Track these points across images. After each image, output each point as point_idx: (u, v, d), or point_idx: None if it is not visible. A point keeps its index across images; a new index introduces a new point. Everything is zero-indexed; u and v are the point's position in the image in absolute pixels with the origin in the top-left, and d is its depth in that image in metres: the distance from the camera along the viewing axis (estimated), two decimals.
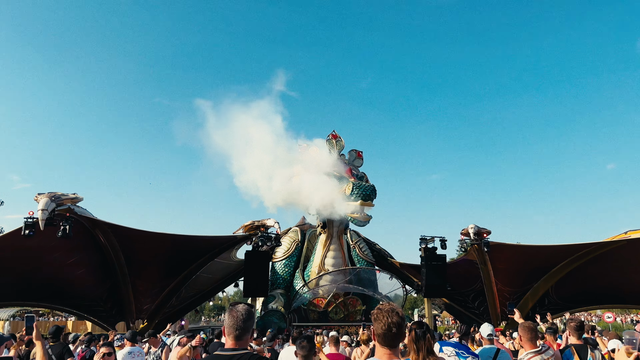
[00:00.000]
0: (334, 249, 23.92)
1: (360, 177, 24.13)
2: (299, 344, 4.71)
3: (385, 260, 26.53)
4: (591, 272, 19.48)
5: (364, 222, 21.64)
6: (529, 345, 4.42)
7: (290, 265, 24.63)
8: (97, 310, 20.05)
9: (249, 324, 2.61)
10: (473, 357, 5.08)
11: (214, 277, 22.97)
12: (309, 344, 4.67)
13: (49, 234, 14.25)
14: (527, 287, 21.03)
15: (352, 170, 23.83)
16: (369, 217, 21.62)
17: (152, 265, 18.97)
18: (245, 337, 2.61)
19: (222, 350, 2.60)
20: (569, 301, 21.34)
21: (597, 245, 18.77)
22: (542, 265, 20.19)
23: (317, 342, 10.82)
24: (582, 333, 4.99)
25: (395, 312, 2.66)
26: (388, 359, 2.56)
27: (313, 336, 5.05)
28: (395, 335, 2.59)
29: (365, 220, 21.60)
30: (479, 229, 18.88)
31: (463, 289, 22.78)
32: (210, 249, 20.01)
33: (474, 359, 5.05)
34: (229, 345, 2.59)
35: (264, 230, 19.30)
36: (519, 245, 21.08)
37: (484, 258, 19.49)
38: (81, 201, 14.62)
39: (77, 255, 17.27)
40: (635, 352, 2.56)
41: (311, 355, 4.68)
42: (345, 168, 23.54)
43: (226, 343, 2.65)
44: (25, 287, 17.83)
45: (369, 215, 21.61)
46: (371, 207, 21.72)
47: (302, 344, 4.67)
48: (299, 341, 4.76)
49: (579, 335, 4.90)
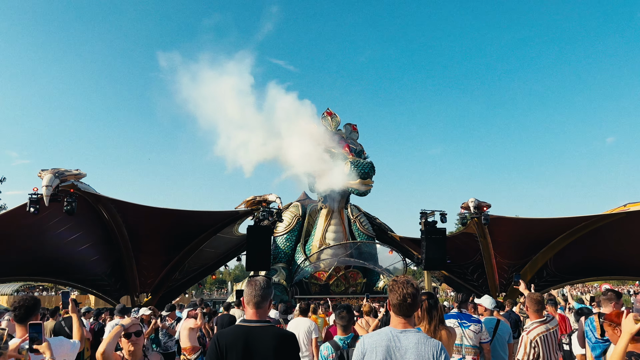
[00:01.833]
0: (334, 223, 24.11)
1: (359, 152, 24.14)
2: (339, 314, 4.70)
3: (386, 234, 26.75)
4: (590, 244, 19.66)
5: (365, 191, 21.96)
6: (535, 316, 4.53)
7: (291, 239, 24.86)
8: (101, 285, 20.31)
9: (267, 292, 2.70)
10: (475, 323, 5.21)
11: (216, 251, 23.19)
12: (348, 314, 4.68)
13: (53, 210, 14.33)
14: (526, 259, 21.26)
15: (350, 145, 23.79)
16: (369, 187, 21.88)
17: (155, 240, 19.12)
18: (265, 305, 2.69)
19: (244, 322, 2.68)
20: (567, 273, 21.62)
21: (596, 218, 18.89)
22: (541, 238, 20.37)
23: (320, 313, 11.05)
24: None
25: (410, 283, 2.75)
26: (403, 328, 2.66)
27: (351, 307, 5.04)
28: (410, 306, 2.68)
29: (366, 190, 21.93)
30: (479, 203, 18.99)
31: (462, 261, 23.03)
32: (213, 224, 20.14)
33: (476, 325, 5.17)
34: (250, 314, 2.67)
35: (265, 205, 19.38)
36: (518, 218, 21.23)
37: (484, 231, 19.65)
38: (84, 177, 14.63)
39: (81, 230, 17.39)
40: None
41: (350, 325, 4.70)
42: (343, 144, 23.52)
43: (246, 313, 2.74)
44: (29, 262, 18.00)
45: (369, 186, 21.85)
46: (370, 185, 21.92)
47: (342, 314, 4.67)
48: (339, 311, 4.75)
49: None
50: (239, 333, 2.60)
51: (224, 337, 2.62)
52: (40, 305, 3.69)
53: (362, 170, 21.34)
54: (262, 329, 2.59)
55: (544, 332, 4.35)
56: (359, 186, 21.57)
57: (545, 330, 4.37)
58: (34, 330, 3.03)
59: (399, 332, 2.62)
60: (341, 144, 23.38)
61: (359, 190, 21.91)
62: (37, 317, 3.55)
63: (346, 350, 4.39)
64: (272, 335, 2.60)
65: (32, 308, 3.51)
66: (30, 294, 37.38)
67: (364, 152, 24.61)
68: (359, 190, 21.84)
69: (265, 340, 2.57)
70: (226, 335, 2.64)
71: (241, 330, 2.58)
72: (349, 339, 4.56)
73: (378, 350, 2.56)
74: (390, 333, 2.63)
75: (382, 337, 2.62)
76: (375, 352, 2.56)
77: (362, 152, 24.56)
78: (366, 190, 21.93)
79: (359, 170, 21.30)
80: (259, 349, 2.54)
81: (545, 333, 4.35)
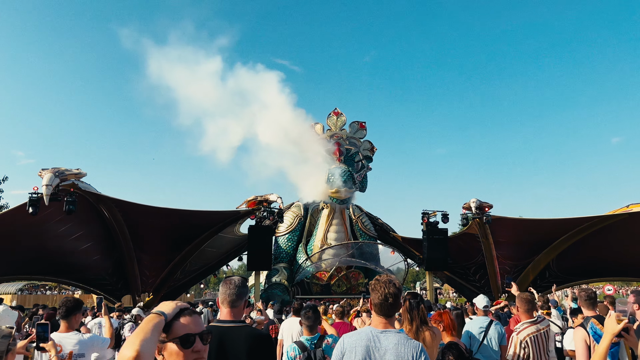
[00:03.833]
0: (336, 223, 24.10)
1: (352, 154, 24.42)
2: (304, 314, 4.69)
3: (388, 234, 26.70)
4: (592, 245, 19.56)
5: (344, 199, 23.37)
6: (526, 316, 4.50)
7: (293, 239, 24.84)
8: (103, 284, 20.36)
9: (242, 291, 2.64)
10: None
11: (218, 251, 23.22)
12: (314, 314, 4.67)
13: (54, 209, 14.37)
14: (528, 260, 21.17)
15: (341, 148, 24.07)
16: (347, 196, 23.10)
17: (157, 239, 19.16)
18: (239, 304, 2.64)
19: (218, 322, 2.63)
20: (570, 274, 21.51)
21: (598, 219, 18.80)
22: (544, 239, 20.28)
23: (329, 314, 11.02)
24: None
25: (392, 283, 2.72)
26: (384, 328, 2.63)
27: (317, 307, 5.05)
28: (392, 305, 2.65)
29: (345, 198, 23.25)
30: (480, 203, 18.92)
31: (464, 262, 22.96)
32: (214, 223, 20.16)
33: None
34: (224, 314, 2.62)
35: (266, 205, 19.39)
36: (520, 219, 21.15)
37: (486, 232, 19.58)
38: (85, 176, 14.66)
39: (83, 230, 17.45)
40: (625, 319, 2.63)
41: (316, 325, 4.68)
42: (333, 149, 23.79)
43: (221, 313, 2.68)
44: (32, 261, 18.09)
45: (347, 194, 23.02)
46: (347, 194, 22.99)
47: (308, 314, 4.67)
48: (304, 311, 4.74)
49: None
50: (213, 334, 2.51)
51: None
52: (81, 306, 4.20)
53: (339, 179, 21.97)
54: (236, 329, 2.53)
55: (534, 332, 4.32)
56: (335, 195, 22.59)
57: (535, 330, 4.33)
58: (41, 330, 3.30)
59: (379, 332, 2.59)
60: (333, 148, 23.79)
61: (337, 200, 22.92)
62: (78, 316, 4.08)
63: (313, 350, 4.37)
64: (245, 335, 2.54)
65: (72, 308, 3.98)
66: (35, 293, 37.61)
67: (360, 153, 24.83)
68: (337, 199, 22.85)
69: (239, 341, 2.51)
70: None
71: (215, 330, 2.52)
72: (315, 339, 4.53)
73: (357, 350, 2.53)
74: (370, 333, 2.60)
75: (362, 337, 2.59)
76: (354, 352, 2.53)
77: (358, 153, 24.74)
78: (343, 199, 23.05)
79: (335, 179, 21.90)
80: (232, 350, 2.48)
81: (536, 333, 4.31)
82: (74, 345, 3.76)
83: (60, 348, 3.59)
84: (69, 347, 3.70)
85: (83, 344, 3.83)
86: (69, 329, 3.90)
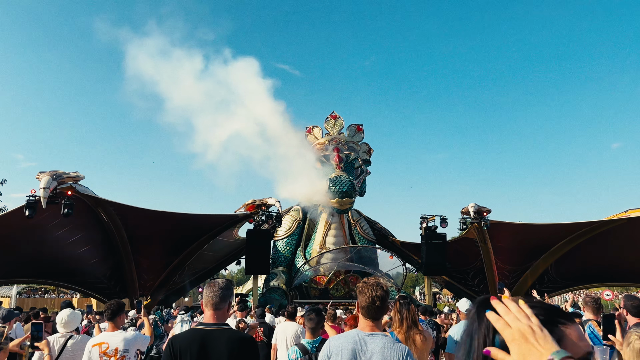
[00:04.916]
0: (335, 227, 24.02)
1: (352, 160, 24.15)
2: (307, 317, 4.67)
3: (386, 238, 26.66)
4: (591, 250, 19.54)
5: (344, 209, 22.61)
6: None
7: (291, 243, 24.77)
8: (101, 287, 20.32)
9: (226, 294, 2.63)
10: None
11: (216, 254, 23.19)
12: (317, 317, 4.65)
13: (53, 212, 14.37)
14: (527, 265, 21.14)
15: (341, 155, 23.74)
16: (347, 206, 22.41)
17: (155, 243, 19.14)
18: (223, 307, 2.63)
19: (200, 325, 2.62)
20: (568, 279, 21.47)
21: (597, 224, 18.78)
22: (542, 244, 20.26)
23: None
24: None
25: (380, 286, 2.72)
26: (370, 331, 2.62)
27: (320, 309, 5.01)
28: (379, 308, 2.64)
29: (345, 209, 22.52)
30: (479, 208, 18.90)
31: (463, 267, 22.92)
32: (212, 227, 20.15)
33: None
34: (208, 317, 2.60)
35: (265, 209, 19.39)
36: (519, 223, 21.12)
37: (484, 236, 19.55)
38: (82, 179, 14.68)
39: (81, 233, 17.44)
40: None
41: (319, 328, 4.67)
42: (333, 155, 23.42)
43: (204, 315, 2.67)
44: (30, 264, 18.06)
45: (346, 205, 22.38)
46: (347, 204, 22.25)
47: (310, 316, 4.64)
48: (307, 314, 4.72)
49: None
50: (195, 336, 2.53)
51: (178, 341, 2.55)
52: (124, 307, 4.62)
53: (339, 189, 21.49)
54: (218, 332, 2.51)
55: None
56: (336, 205, 21.86)
57: None
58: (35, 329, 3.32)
59: (365, 335, 2.58)
60: (332, 155, 23.45)
61: (338, 209, 22.31)
62: (122, 317, 4.53)
63: (314, 353, 4.35)
64: (228, 338, 2.53)
65: (116, 310, 4.41)
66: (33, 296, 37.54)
67: (359, 158, 24.63)
68: (337, 209, 22.21)
69: (221, 344, 2.50)
70: (181, 339, 2.56)
71: (197, 333, 2.51)
72: (317, 342, 4.51)
73: (344, 353, 2.52)
74: (357, 336, 2.59)
75: (348, 340, 2.58)
76: (340, 355, 2.53)
77: (357, 158, 24.56)
78: (345, 209, 22.37)
79: (337, 188, 21.44)
80: (214, 352, 2.47)
81: None
82: (119, 343, 4.18)
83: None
84: (115, 344, 4.15)
85: (127, 341, 4.25)
86: (115, 328, 4.36)
